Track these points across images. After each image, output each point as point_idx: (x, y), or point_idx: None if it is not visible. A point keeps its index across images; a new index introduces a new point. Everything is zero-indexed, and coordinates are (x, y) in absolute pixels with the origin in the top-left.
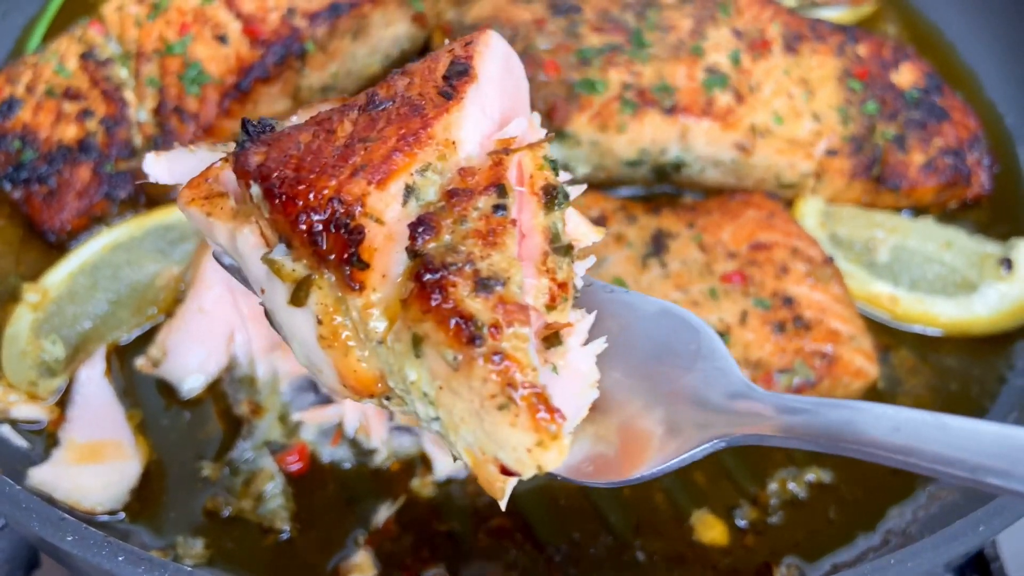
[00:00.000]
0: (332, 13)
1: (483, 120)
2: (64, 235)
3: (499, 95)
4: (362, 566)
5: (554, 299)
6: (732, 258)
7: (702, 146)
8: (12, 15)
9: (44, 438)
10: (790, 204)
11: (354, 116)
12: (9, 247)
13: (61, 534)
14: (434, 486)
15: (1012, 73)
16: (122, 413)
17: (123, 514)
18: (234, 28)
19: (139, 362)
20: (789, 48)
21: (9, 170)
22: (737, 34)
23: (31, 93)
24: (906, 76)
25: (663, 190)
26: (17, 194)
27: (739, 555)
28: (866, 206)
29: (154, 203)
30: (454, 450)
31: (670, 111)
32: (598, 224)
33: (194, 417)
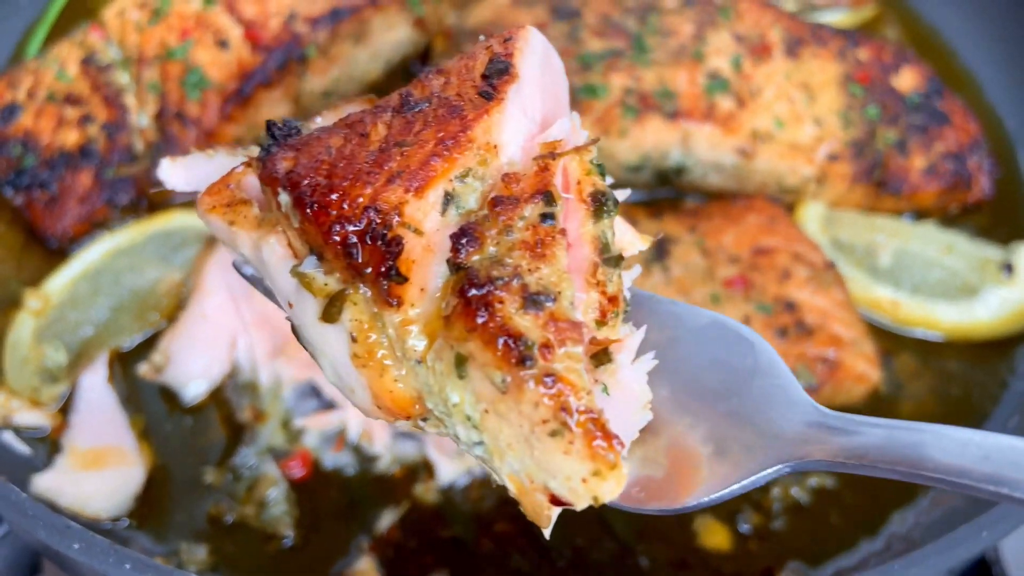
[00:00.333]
0: (333, 18)
1: (524, 122)
2: (65, 241)
3: (540, 94)
4: (366, 572)
5: (604, 314)
6: (734, 263)
7: (704, 151)
8: (12, 20)
9: (47, 445)
10: (791, 208)
11: (388, 118)
12: (10, 253)
13: (67, 541)
14: (437, 492)
15: (1012, 77)
16: (125, 419)
17: (127, 520)
18: (235, 33)
19: (142, 369)
20: (790, 53)
21: (10, 176)
22: (738, 39)
23: (32, 99)
24: (907, 80)
25: (665, 195)
26: (18, 200)
27: (742, 560)
28: (867, 210)
29: (155, 209)
30: (498, 476)
31: (671, 116)
32: None
33: (197, 423)
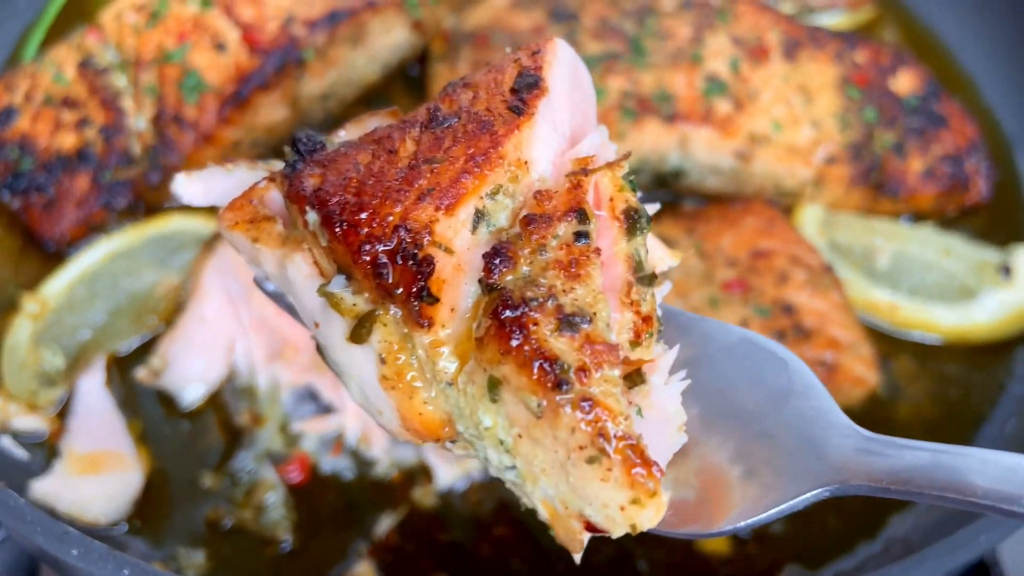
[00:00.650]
0: (331, 21)
1: (554, 137)
2: (63, 244)
3: (569, 108)
4: None
5: (639, 334)
6: (732, 266)
7: (701, 153)
8: (9, 22)
9: (44, 449)
10: (789, 211)
11: (416, 134)
12: (8, 257)
13: (66, 547)
14: (436, 496)
15: (1010, 79)
16: (123, 423)
17: (126, 525)
18: (233, 36)
19: (140, 373)
20: (788, 55)
21: (7, 179)
22: (736, 41)
23: (29, 102)
24: (904, 83)
25: (662, 198)
26: (16, 203)
27: (741, 564)
28: (865, 213)
29: (153, 212)
30: (529, 501)
31: (669, 119)
32: None
33: (194, 427)
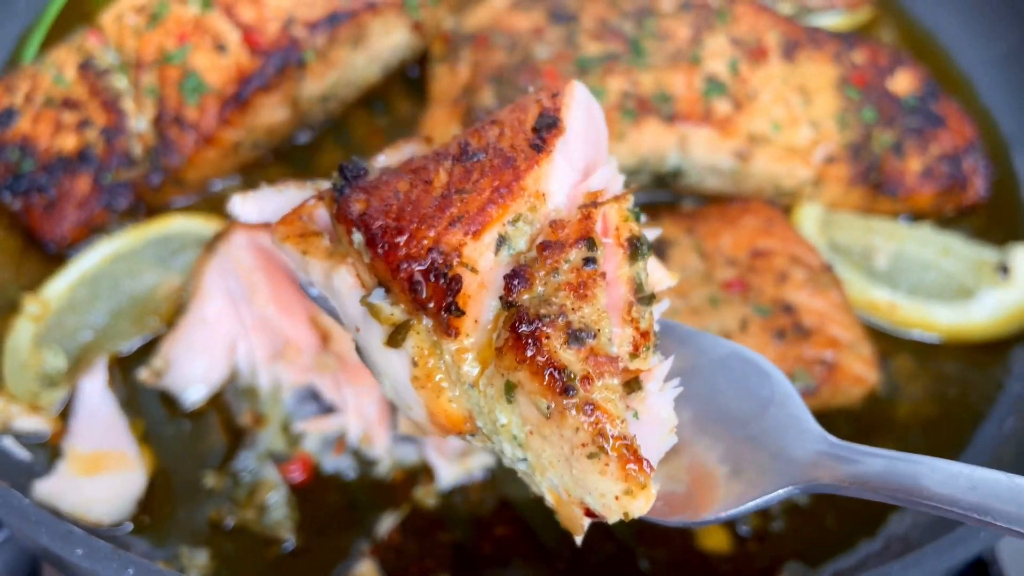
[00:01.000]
0: (331, 22)
1: (569, 171)
2: (64, 246)
3: (583, 145)
4: None
5: (637, 348)
6: (732, 265)
7: (701, 154)
8: (8, 24)
9: (47, 450)
10: (789, 211)
11: (448, 166)
12: (9, 258)
13: (71, 547)
14: (437, 496)
15: (1008, 79)
16: (125, 423)
17: (130, 525)
18: (233, 38)
19: (142, 374)
20: (786, 56)
21: (8, 181)
22: (735, 42)
23: (30, 103)
24: (903, 83)
25: (662, 197)
26: (16, 205)
27: (741, 562)
28: (864, 212)
29: (154, 213)
30: (537, 488)
31: (669, 119)
32: None
33: (196, 428)
